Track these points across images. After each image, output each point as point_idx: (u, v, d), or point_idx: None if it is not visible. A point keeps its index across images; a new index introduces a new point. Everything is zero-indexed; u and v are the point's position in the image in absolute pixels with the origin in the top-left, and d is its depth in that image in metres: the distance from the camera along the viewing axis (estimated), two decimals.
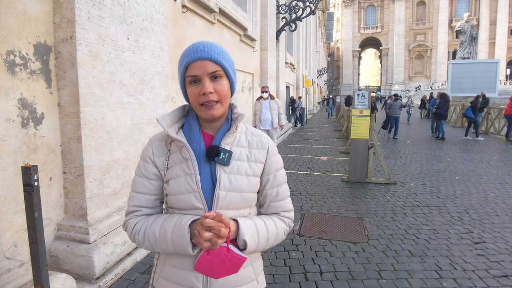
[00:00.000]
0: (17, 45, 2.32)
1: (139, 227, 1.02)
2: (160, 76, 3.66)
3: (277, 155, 1.12)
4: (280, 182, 1.12)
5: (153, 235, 0.99)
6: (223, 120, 1.07)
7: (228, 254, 0.94)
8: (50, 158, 2.63)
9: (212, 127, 1.06)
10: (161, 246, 0.98)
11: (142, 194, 1.06)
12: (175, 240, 0.94)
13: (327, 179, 6.34)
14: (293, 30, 12.63)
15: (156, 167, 1.05)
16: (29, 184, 1.70)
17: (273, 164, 1.10)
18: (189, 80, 0.99)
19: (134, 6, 3.18)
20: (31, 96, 2.43)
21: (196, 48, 0.98)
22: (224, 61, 0.99)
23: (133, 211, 1.06)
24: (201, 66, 0.96)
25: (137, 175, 1.08)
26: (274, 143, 1.17)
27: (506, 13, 55.68)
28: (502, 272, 3.00)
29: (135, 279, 2.79)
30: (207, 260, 0.93)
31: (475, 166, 7.60)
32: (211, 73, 0.97)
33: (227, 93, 1.02)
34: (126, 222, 1.07)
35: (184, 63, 0.99)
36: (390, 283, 2.81)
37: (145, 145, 1.09)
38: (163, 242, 0.97)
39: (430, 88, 46.63)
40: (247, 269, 1.06)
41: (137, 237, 1.02)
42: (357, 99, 6.24)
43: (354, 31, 67.11)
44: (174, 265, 1.03)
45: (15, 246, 2.36)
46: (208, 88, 0.96)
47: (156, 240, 0.98)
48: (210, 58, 0.97)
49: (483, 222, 4.18)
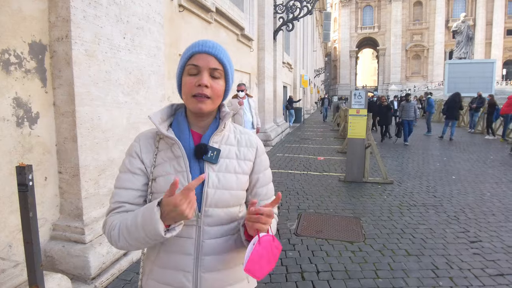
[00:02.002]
0: (12, 44, 2.30)
1: (116, 222, 0.96)
2: (157, 76, 3.65)
3: (265, 154, 1.14)
4: (268, 181, 1.15)
5: (125, 226, 0.93)
6: (211, 119, 1.07)
7: (273, 242, 0.94)
8: (46, 157, 2.62)
9: (201, 125, 1.06)
10: (134, 235, 0.91)
11: (125, 190, 1.01)
12: (145, 222, 0.87)
13: (324, 179, 6.34)
14: (290, 30, 12.64)
15: (142, 163, 1.03)
16: (24, 184, 1.69)
17: (262, 163, 1.12)
18: (188, 69, 0.99)
19: (130, 5, 3.17)
20: (26, 95, 2.41)
21: (206, 43, 1.00)
22: (227, 63, 1.02)
23: (115, 208, 1.00)
24: (206, 59, 0.98)
25: (121, 172, 1.04)
26: (261, 142, 1.17)
27: (502, 13, 55.98)
28: (498, 271, 3.01)
29: (131, 279, 2.78)
30: (257, 253, 0.90)
31: (471, 165, 7.63)
32: (212, 69, 0.99)
33: (221, 94, 1.03)
34: (105, 220, 1.01)
35: (190, 51, 1.00)
36: (387, 282, 2.82)
37: (132, 142, 1.07)
38: (135, 230, 0.90)
39: (427, 88, 46.78)
40: (237, 268, 1.05)
41: (112, 233, 0.95)
42: (354, 99, 6.25)
43: (351, 31, 67.22)
44: (163, 265, 1.01)
45: (9, 247, 2.34)
46: (206, 81, 0.97)
47: (129, 230, 0.91)
48: (216, 56, 0.99)
49: (479, 221, 4.20)
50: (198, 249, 0.99)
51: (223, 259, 1.02)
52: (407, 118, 10.87)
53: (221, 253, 1.01)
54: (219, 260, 1.01)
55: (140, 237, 0.90)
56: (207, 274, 0.99)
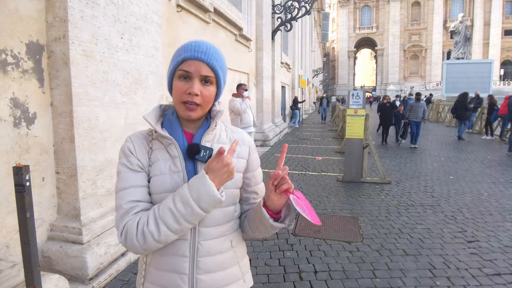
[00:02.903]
0: (9, 44, 2.29)
1: (145, 218, 0.91)
2: (155, 76, 3.65)
3: (256, 153, 1.15)
4: (260, 179, 1.16)
5: (169, 211, 0.89)
6: (202, 119, 1.06)
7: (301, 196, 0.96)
8: (43, 158, 2.61)
9: (192, 125, 1.06)
10: (185, 217, 0.88)
11: (134, 188, 0.96)
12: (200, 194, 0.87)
13: (322, 179, 6.35)
14: (289, 30, 12.63)
15: (139, 161, 1.01)
16: (21, 184, 1.68)
17: (254, 161, 1.12)
18: (179, 74, 0.98)
19: (128, 5, 3.16)
20: (23, 95, 2.41)
21: (199, 47, 0.97)
22: (219, 69, 1.00)
23: (130, 208, 0.94)
24: (197, 66, 0.96)
25: (122, 172, 0.99)
26: (252, 140, 1.18)
27: (499, 14, 56.18)
28: (495, 270, 3.02)
29: (129, 279, 2.77)
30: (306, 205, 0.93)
31: (469, 165, 7.65)
32: (203, 76, 0.97)
33: (211, 100, 1.02)
34: (125, 225, 0.92)
35: (182, 56, 0.97)
36: (384, 282, 2.83)
37: (123, 144, 1.04)
38: (186, 209, 0.88)
39: (425, 88, 46.89)
40: (233, 268, 1.05)
41: (149, 228, 0.89)
42: (352, 99, 6.26)
43: (349, 31, 67.34)
44: (159, 267, 1.00)
45: (7, 247, 2.33)
46: (196, 90, 0.95)
47: (175, 214, 0.88)
48: (208, 62, 0.97)
49: (476, 221, 4.21)
50: (194, 251, 0.98)
51: (219, 260, 1.01)
52: (415, 119, 10.25)
53: (217, 254, 1.01)
54: (215, 262, 1.00)
55: (193, 213, 0.88)
56: (204, 275, 0.99)
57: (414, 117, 10.26)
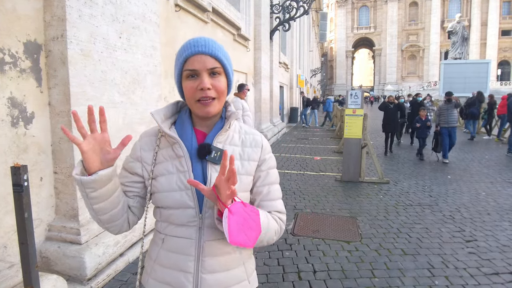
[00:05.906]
0: (6, 43, 2.28)
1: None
2: (153, 75, 3.64)
3: (270, 154, 1.10)
4: (272, 181, 1.08)
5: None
6: (217, 118, 1.04)
7: (246, 208, 0.89)
8: (41, 158, 2.60)
9: (206, 124, 1.04)
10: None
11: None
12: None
13: (320, 179, 6.35)
14: (287, 30, 12.65)
15: (141, 163, 1.04)
16: (19, 184, 1.67)
17: (266, 162, 1.07)
18: (186, 74, 0.96)
19: (126, 4, 3.15)
20: (21, 95, 2.39)
21: (197, 42, 0.96)
22: (224, 58, 0.98)
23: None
24: (201, 60, 0.94)
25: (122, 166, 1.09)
26: (267, 141, 1.14)
27: (497, 14, 56.37)
28: (493, 269, 3.03)
29: (127, 279, 2.77)
30: (234, 222, 0.85)
31: (467, 165, 7.68)
32: (210, 69, 0.95)
33: (225, 90, 1.00)
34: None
35: (183, 56, 0.96)
36: (383, 282, 2.83)
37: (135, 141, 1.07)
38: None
39: (422, 88, 46.99)
40: (238, 269, 1.04)
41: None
42: (350, 99, 6.27)
43: (347, 31, 67.41)
44: (164, 265, 1.01)
45: (5, 247, 2.32)
46: (207, 84, 0.94)
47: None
48: (210, 54, 0.95)
49: (474, 221, 4.22)
50: (199, 250, 0.98)
51: (224, 261, 1.00)
52: (447, 124, 7.80)
53: (222, 254, 1.00)
54: (220, 262, 1.00)
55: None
56: (208, 275, 0.98)
57: (445, 123, 7.85)
